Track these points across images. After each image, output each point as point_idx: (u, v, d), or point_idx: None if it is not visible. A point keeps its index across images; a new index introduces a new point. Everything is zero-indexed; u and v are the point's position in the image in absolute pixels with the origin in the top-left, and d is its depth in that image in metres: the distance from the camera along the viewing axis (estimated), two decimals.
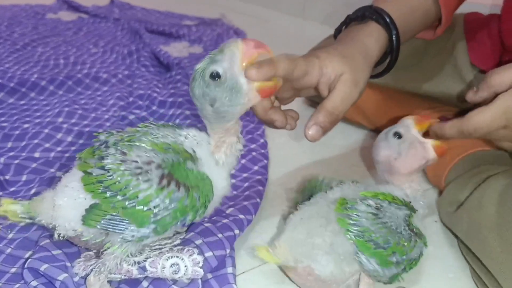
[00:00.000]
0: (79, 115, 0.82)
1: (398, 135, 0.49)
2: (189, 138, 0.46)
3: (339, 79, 0.48)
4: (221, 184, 0.47)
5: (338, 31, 0.58)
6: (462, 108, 0.67)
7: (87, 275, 0.45)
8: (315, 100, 0.89)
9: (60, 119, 0.79)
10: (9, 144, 0.72)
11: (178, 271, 0.47)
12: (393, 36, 0.54)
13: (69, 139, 0.75)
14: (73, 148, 0.73)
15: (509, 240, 0.45)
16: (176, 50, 1.19)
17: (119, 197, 0.42)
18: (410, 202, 0.48)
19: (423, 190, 0.54)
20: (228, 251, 0.52)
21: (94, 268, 0.45)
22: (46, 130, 0.75)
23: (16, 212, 0.48)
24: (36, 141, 0.73)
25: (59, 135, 0.75)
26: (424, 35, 0.64)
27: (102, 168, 0.43)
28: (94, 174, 0.43)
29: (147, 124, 0.47)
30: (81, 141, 0.75)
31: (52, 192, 0.46)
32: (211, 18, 1.48)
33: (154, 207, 0.43)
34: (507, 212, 0.47)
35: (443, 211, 0.59)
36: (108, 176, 0.43)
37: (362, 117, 0.82)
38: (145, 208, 0.43)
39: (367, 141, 0.83)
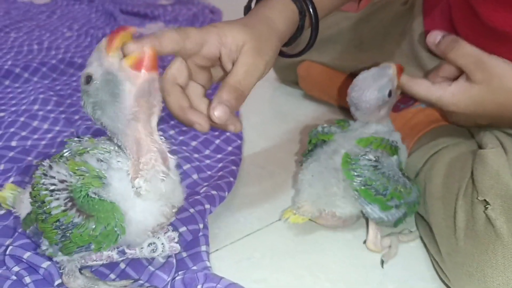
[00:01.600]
0: (54, 101, 0.82)
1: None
2: (110, 160, 0.42)
3: (241, 50, 0.44)
4: (140, 217, 0.42)
5: (247, 8, 0.54)
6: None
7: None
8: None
9: (35, 107, 0.80)
10: None
11: (156, 249, 0.50)
12: (310, 7, 0.51)
13: (45, 126, 0.76)
14: (49, 135, 0.74)
15: (449, 208, 0.49)
16: (151, 31, 1.19)
17: (40, 210, 0.42)
18: (395, 142, 0.54)
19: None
20: (201, 225, 0.54)
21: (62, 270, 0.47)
22: (22, 119, 0.76)
23: (6, 199, 0.51)
24: (12, 129, 0.74)
25: (35, 123, 0.76)
26: (348, 8, 0.63)
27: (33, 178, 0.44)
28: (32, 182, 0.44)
29: (103, 140, 0.45)
30: (57, 128, 0.76)
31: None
32: None
33: (59, 228, 0.42)
34: (451, 182, 0.51)
35: None
36: (34, 187, 0.43)
37: (328, 97, 0.84)
38: (54, 227, 0.42)
39: (336, 113, 0.86)
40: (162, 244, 0.50)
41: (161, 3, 1.42)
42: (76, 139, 0.46)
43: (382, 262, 0.53)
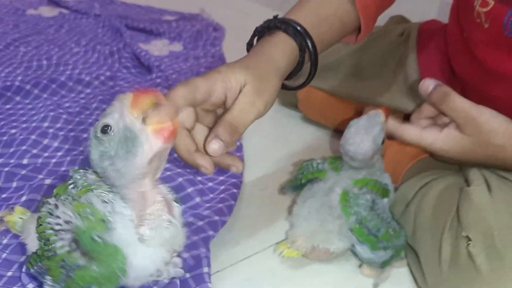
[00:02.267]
0: (64, 119, 0.86)
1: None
2: (115, 203, 0.43)
3: (241, 90, 0.46)
4: (142, 263, 0.43)
5: (249, 45, 0.56)
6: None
7: None
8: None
9: (45, 124, 0.83)
10: None
11: (161, 275, 0.52)
12: (308, 43, 0.53)
13: (55, 144, 0.79)
14: (59, 153, 0.77)
15: (436, 240, 0.52)
16: (156, 48, 1.23)
17: (46, 247, 0.43)
18: (386, 185, 0.57)
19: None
20: (204, 250, 0.58)
21: None
22: (33, 136, 0.79)
23: (15, 224, 0.53)
24: (24, 147, 0.77)
25: (45, 141, 0.79)
26: (347, 40, 0.64)
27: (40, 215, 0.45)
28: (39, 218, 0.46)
29: None
30: (66, 146, 0.79)
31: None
32: (191, 13, 1.51)
33: (64, 268, 0.43)
34: (438, 215, 0.54)
35: (395, 209, 0.66)
36: (40, 224, 0.44)
37: (326, 120, 0.88)
38: (59, 265, 0.43)
39: (334, 137, 0.89)
40: (167, 270, 0.52)
41: (166, 18, 1.46)
42: (81, 171, 0.47)
43: (376, 286, 0.57)
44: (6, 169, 0.71)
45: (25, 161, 0.74)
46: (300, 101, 0.91)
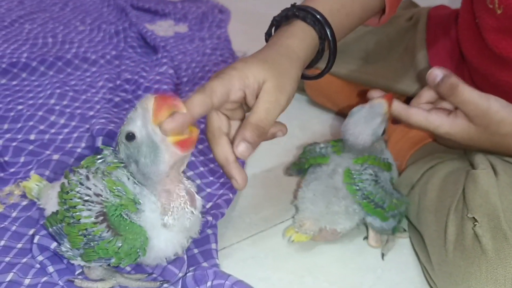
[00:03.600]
0: (70, 97, 0.86)
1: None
2: (143, 188, 0.45)
3: (262, 87, 0.45)
4: (162, 246, 0.46)
5: (268, 35, 0.55)
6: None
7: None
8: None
9: (52, 101, 0.84)
10: (5, 126, 0.77)
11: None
12: (328, 31, 0.51)
13: (62, 121, 0.80)
14: (66, 130, 0.78)
15: (441, 221, 0.53)
16: (162, 29, 1.22)
17: (69, 213, 0.45)
18: (387, 159, 0.58)
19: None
20: (209, 231, 0.59)
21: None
22: (40, 113, 0.79)
23: (32, 190, 0.55)
24: (31, 123, 0.77)
25: (52, 118, 0.80)
26: (370, 22, 0.63)
27: (67, 182, 0.47)
28: (65, 184, 0.47)
29: None
30: (73, 123, 0.79)
31: (59, 185, 0.50)
32: None
33: (85, 236, 0.45)
34: (444, 197, 0.55)
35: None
36: (68, 191, 0.46)
37: (331, 104, 0.88)
38: (80, 233, 0.45)
39: (337, 120, 0.89)
40: None
41: None
42: (111, 148, 0.48)
43: (383, 255, 0.58)
44: (14, 144, 0.71)
45: (32, 137, 0.75)
46: (307, 84, 0.91)
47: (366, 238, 0.61)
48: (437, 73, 0.54)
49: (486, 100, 0.51)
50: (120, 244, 0.44)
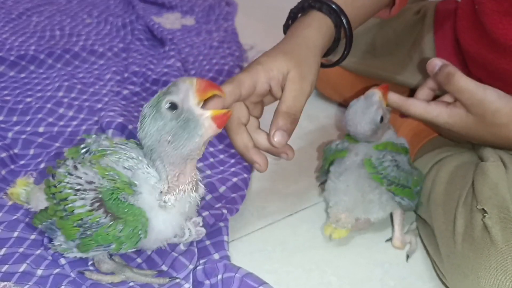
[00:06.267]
0: (78, 89, 0.86)
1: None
2: (141, 170, 0.45)
3: (286, 78, 0.48)
4: (162, 227, 0.46)
5: (286, 27, 0.57)
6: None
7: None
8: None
9: (60, 93, 0.84)
10: (15, 118, 0.77)
11: (183, 235, 0.54)
12: (343, 21, 0.53)
13: (70, 113, 0.80)
14: (74, 122, 0.78)
15: (450, 214, 0.53)
16: (168, 21, 1.22)
17: (60, 207, 0.45)
18: (403, 144, 0.60)
19: None
20: (224, 211, 0.59)
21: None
22: (49, 105, 0.80)
23: (20, 196, 0.53)
24: (40, 115, 0.78)
25: (61, 110, 0.80)
26: (380, 14, 0.64)
27: (53, 176, 0.46)
28: (50, 179, 0.47)
29: (122, 144, 0.48)
30: (81, 116, 0.80)
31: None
32: None
33: (81, 226, 0.44)
34: (452, 190, 0.55)
35: None
36: (55, 185, 0.45)
37: (339, 96, 0.88)
38: (75, 224, 0.44)
39: (343, 112, 0.89)
40: (189, 229, 0.54)
41: None
42: (93, 136, 0.49)
43: (407, 257, 0.59)
44: (23, 136, 0.72)
45: (41, 129, 0.75)
46: None
47: (390, 239, 0.61)
48: (436, 63, 0.56)
49: (482, 90, 0.52)
50: (121, 227, 0.44)
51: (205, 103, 0.44)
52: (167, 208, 0.45)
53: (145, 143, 0.43)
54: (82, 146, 0.48)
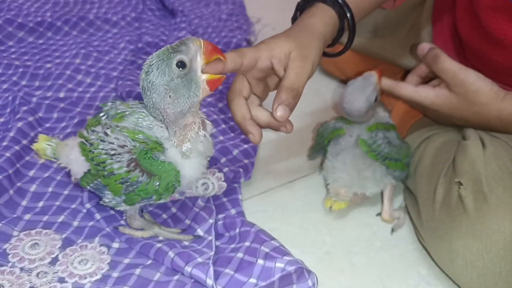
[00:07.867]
0: (94, 57, 0.91)
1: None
2: (157, 127, 0.49)
3: (289, 57, 0.51)
4: (190, 172, 0.51)
5: (293, 19, 0.61)
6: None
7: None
8: None
9: (77, 60, 0.89)
10: (37, 83, 0.83)
11: (208, 188, 0.62)
12: (347, 13, 0.56)
13: (88, 80, 0.85)
14: (92, 89, 0.84)
15: (432, 184, 0.60)
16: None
17: (100, 168, 0.50)
18: (389, 122, 0.66)
19: None
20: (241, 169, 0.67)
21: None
22: (68, 72, 0.85)
23: (45, 150, 0.56)
24: (60, 81, 0.83)
25: (79, 77, 0.85)
26: (385, 5, 0.67)
27: (88, 141, 0.50)
28: (86, 145, 0.51)
29: (136, 104, 0.51)
30: (99, 83, 0.85)
31: (72, 142, 0.54)
32: None
33: (123, 183, 0.49)
34: (436, 163, 0.62)
35: None
36: (92, 150, 0.50)
37: (340, 72, 0.94)
38: (117, 182, 0.49)
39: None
40: (212, 183, 0.62)
41: None
42: (109, 103, 0.53)
43: (392, 230, 0.65)
44: (46, 102, 0.78)
45: (61, 95, 0.81)
46: None
47: (379, 214, 0.67)
48: (425, 46, 0.62)
49: (464, 71, 0.58)
50: (157, 183, 0.49)
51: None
52: (188, 154, 0.50)
53: (148, 96, 0.46)
54: (101, 115, 0.52)
